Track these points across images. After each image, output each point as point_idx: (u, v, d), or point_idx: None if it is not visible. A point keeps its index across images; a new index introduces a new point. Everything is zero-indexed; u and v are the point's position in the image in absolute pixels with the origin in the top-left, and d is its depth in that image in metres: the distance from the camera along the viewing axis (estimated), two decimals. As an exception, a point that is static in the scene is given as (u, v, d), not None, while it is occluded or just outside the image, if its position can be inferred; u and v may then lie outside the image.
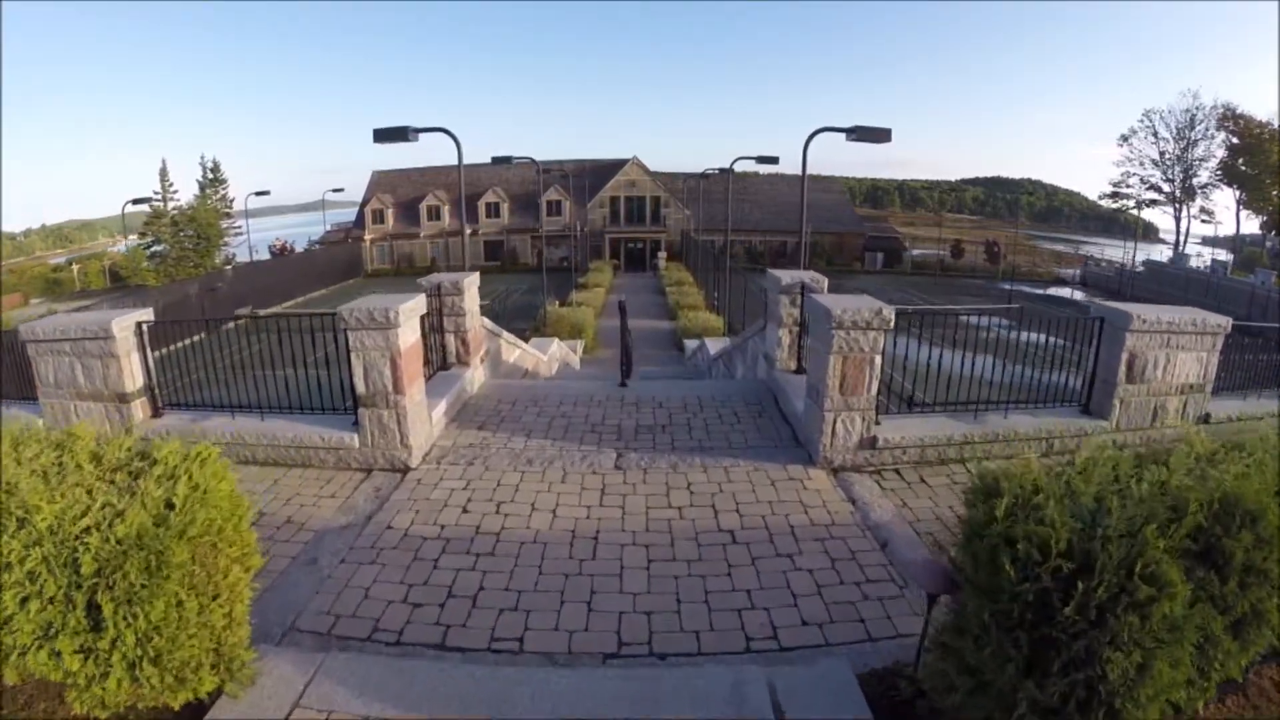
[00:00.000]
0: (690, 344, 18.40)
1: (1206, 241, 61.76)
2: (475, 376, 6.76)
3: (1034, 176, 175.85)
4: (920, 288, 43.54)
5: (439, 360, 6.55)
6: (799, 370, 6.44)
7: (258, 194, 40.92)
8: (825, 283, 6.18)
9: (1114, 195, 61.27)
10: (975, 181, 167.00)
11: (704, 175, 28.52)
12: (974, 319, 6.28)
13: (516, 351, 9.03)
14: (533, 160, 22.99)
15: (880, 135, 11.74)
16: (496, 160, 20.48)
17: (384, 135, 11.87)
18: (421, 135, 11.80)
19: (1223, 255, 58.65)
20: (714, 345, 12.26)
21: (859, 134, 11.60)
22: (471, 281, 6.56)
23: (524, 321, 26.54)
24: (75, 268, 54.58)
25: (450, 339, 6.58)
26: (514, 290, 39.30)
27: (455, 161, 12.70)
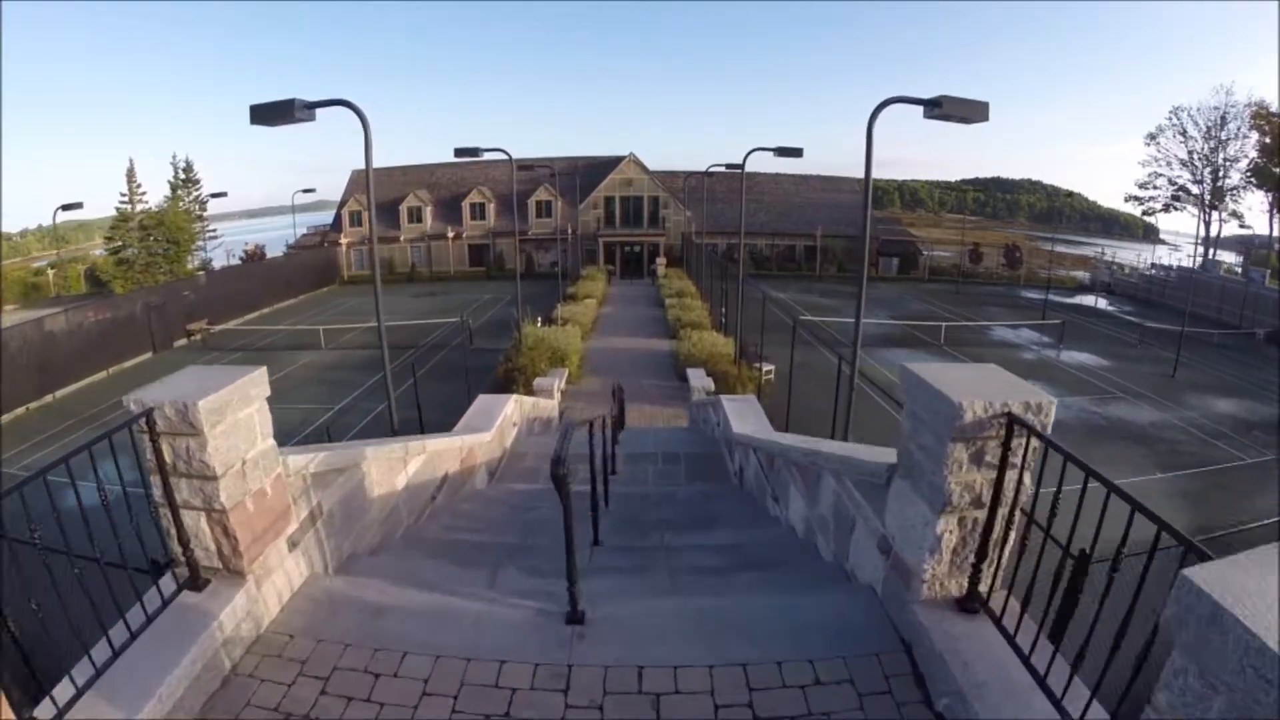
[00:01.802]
0: (696, 383, 14.72)
1: (1209, 243, 57.82)
2: (263, 596, 3.13)
3: (1034, 177, 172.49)
4: (942, 298, 39.70)
5: (188, 572, 2.94)
6: (969, 604, 2.85)
7: (214, 195, 37.26)
8: (1052, 409, 2.61)
9: (1139, 197, 57.35)
10: (975, 182, 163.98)
11: (708, 173, 24.92)
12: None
13: (416, 460, 5.36)
14: (508, 155, 19.36)
15: (974, 110, 8.14)
16: (460, 152, 16.88)
17: (263, 114, 8.29)
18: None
19: (1230, 257, 55.32)
20: (736, 413, 8.51)
21: (945, 109, 7.99)
22: (226, 402, 2.91)
23: (504, 341, 22.88)
24: (51, 272, 51.17)
25: (201, 524, 2.97)
26: (497, 300, 35.61)
27: (440, 159, 9.27)
